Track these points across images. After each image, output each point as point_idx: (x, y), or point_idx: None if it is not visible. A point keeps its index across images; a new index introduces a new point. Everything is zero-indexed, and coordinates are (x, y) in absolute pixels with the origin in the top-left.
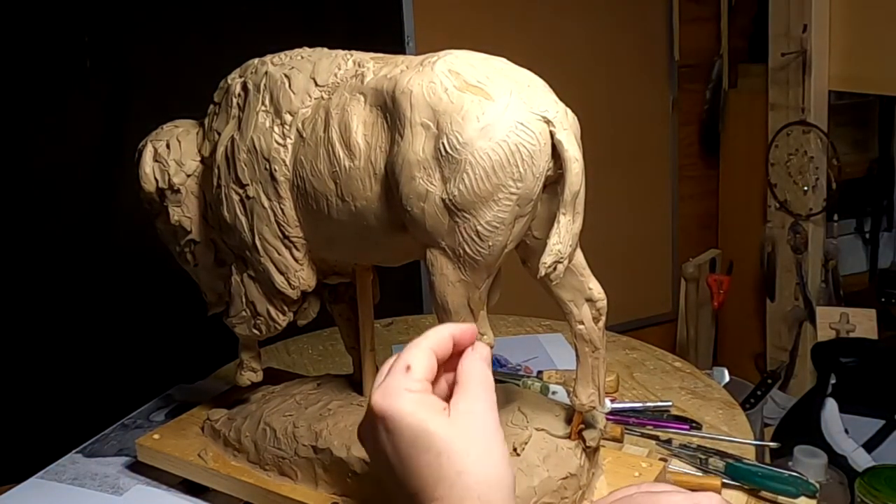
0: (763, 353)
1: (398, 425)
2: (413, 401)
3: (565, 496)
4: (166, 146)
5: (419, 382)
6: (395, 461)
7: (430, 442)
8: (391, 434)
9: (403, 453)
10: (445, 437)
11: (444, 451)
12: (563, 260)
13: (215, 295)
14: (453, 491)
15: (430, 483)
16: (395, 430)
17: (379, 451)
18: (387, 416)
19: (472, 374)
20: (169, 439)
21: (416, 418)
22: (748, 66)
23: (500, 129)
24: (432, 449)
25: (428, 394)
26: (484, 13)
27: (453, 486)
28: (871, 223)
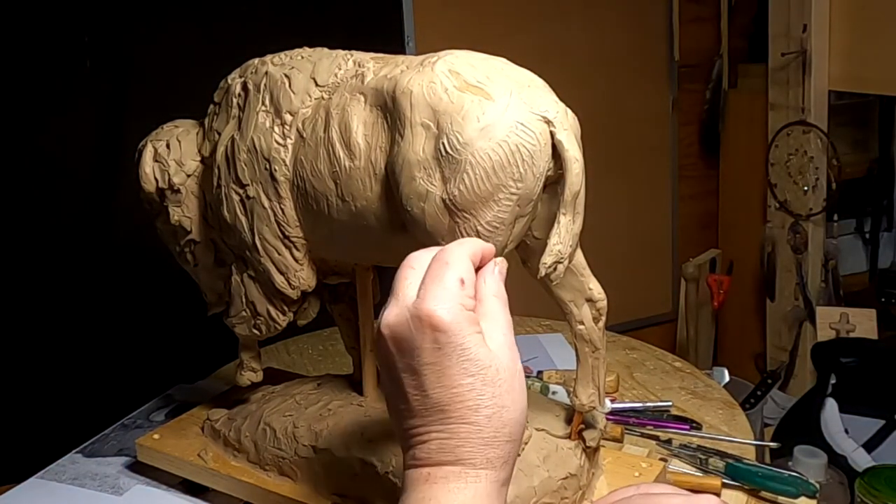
0: (763, 353)
1: (452, 340)
2: (469, 320)
3: (565, 496)
4: (166, 146)
5: (472, 300)
6: (429, 374)
7: (479, 368)
8: (442, 347)
9: (447, 370)
10: (493, 367)
11: (490, 381)
12: (564, 260)
13: (215, 295)
14: (491, 422)
15: (469, 406)
16: (447, 344)
17: (413, 357)
18: (444, 330)
19: (500, 296)
20: (169, 439)
21: (472, 341)
22: (748, 66)
23: (500, 129)
24: (479, 375)
25: (475, 313)
26: (484, 13)
27: (491, 418)
28: (871, 223)
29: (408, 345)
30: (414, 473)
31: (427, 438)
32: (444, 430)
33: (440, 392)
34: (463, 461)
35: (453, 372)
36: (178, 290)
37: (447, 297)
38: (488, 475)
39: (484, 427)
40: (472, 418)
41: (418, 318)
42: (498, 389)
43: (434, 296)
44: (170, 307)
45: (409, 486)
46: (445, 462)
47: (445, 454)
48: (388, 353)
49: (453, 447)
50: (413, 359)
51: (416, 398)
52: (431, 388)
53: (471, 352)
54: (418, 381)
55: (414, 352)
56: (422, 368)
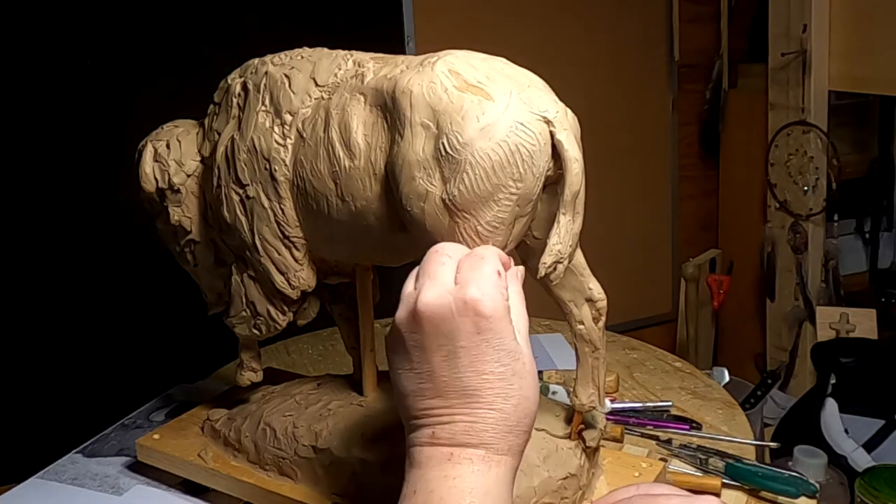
0: (763, 353)
1: (493, 327)
2: (506, 310)
3: (565, 496)
4: (166, 146)
5: (507, 291)
6: (464, 357)
7: (511, 359)
8: (482, 333)
9: (483, 356)
10: (521, 360)
11: (518, 372)
12: (564, 260)
13: (215, 295)
14: (516, 411)
15: (498, 393)
16: (488, 330)
17: (450, 339)
18: (487, 316)
19: (521, 295)
20: (169, 439)
21: (508, 331)
22: (748, 66)
23: (500, 129)
24: (510, 366)
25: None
26: (484, 13)
27: (517, 408)
28: (871, 223)
29: (447, 326)
30: (434, 451)
31: (451, 420)
32: (472, 413)
33: (472, 376)
34: (487, 445)
35: (488, 358)
36: (178, 290)
37: (491, 286)
38: (508, 462)
39: (510, 415)
40: (499, 405)
41: (463, 301)
42: (524, 381)
43: (479, 284)
44: (170, 307)
45: (428, 464)
46: (469, 444)
47: (471, 437)
48: (421, 331)
49: (479, 431)
50: (450, 341)
51: (445, 379)
52: (464, 372)
53: (506, 342)
54: (451, 363)
55: (452, 334)
56: (458, 351)
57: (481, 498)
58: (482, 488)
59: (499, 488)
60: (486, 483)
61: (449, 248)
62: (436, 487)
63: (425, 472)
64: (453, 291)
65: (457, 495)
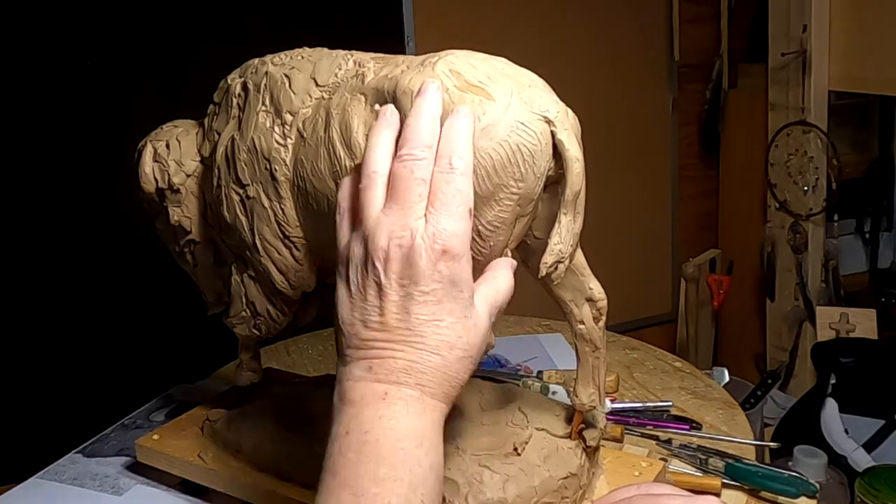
0: (763, 353)
1: (454, 279)
2: (469, 270)
3: (566, 496)
4: (166, 146)
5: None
6: (420, 300)
7: (465, 315)
8: (443, 282)
9: (440, 303)
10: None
11: (467, 328)
12: (565, 260)
13: (215, 295)
14: (458, 364)
15: (445, 341)
16: (448, 280)
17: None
18: (457, 264)
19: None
20: (169, 440)
21: (468, 284)
22: (748, 66)
23: (501, 129)
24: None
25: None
26: (484, 13)
27: (460, 361)
28: (871, 223)
29: (413, 268)
30: (368, 388)
31: (392, 356)
32: (415, 353)
33: (423, 319)
34: (423, 387)
35: (443, 306)
36: (178, 290)
37: (461, 228)
38: (441, 408)
39: (451, 365)
40: (444, 352)
41: (434, 242)
42: (471, 338)
43: (449, 224)
44: (170, 307)
45: (362, 402)
46: (406, 384)
47: (409, 376)
48: (387, 268)
49: (418, 372)
50: (410, 282)
51: (396, 316)
52: (416, 314)
53: (463, 295)
54: (406, 304)
55: (416, 276)
56: (415, 293)
57: (417, 440)
58: (418, 431)
59: (433, 433)
60: (423, 426)
61: (423, 171)
62: (371, 428)
63: (359, 412)
64: (426, 236)
65: (393, 437)
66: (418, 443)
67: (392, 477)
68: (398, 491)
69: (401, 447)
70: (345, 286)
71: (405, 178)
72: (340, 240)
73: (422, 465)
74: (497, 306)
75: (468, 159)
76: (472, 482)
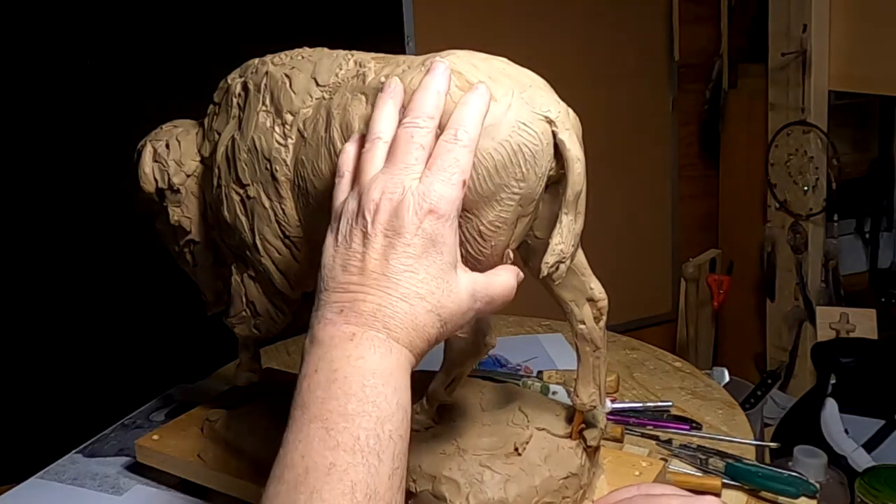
0: (763, 353)
1: (438, 237)
2: (456, 235)
3: (566, 495)
4: (166, 146)
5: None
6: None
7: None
8: (427, 238)
9: (420, 257)
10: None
11: (442, 289)
12: (566, 260)
13: (214, 295)
14: (426, 317)
15: (417, 293)
16: (432, 238)
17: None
18: (441, 225)
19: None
20: (168, 440)
21: (451, 247)
22: (748, 66)
23: (502, 129)
24: (439, 279)
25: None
26: (484, 13)
27: (428, 314)
28: (871, 223)
29: (399, 221)
30: (336, 331)
31: (363, 299)
32: (384, 297)
33: (400, 269)
34: (389, 331)
35: (422, 261)
36: (178, 290)
37: (451, 194)
38: (407, 355)
39: (419, 316)
40: (413, 301)
41: (422, 200)
42: (444, 301)
43: (440, 187)
44: (170, 307)
45: (330, 343)
46: (373, 327)
47: (376, 319)
48: (375, 219)
49: (385, 316)
50: (394, 233)
51: (374, 262)
52: (395, 262)
53: (444, 257)
54: (386, 253)
55: (400, 229)
56: (397, 244)
57: (384, 378)
58: (385, 370)
59: (400, 375)
60: (389, 366)
61: (423, 137)
62: (339, 367)
63: (328, 352)
64: (416, 192)
65: (360, 375)
66: (385, 381)
67: (360, 412)
68: (366, 425)
69: (368, 384)
70: (332, 237)
71: (404, 141)
72: (337, 198)
73: (389, 402)
74: (487, 293)
75: (474, 134)
76: (473, 482)
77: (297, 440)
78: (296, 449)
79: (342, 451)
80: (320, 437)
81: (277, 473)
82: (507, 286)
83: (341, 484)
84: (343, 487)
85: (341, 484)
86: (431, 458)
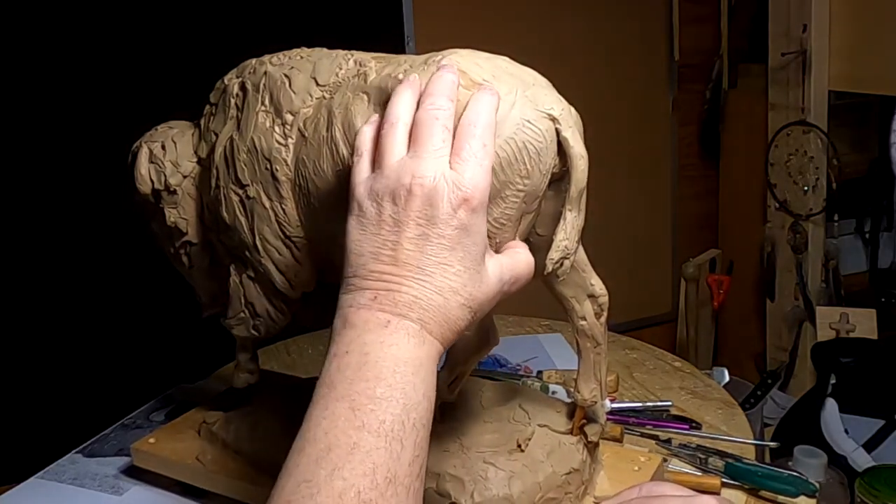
0: (763, 353)
1: (472, 228)
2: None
3: (569, 491)
4: (161, 147)
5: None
6: (436, 243)
7: (476, 266)
8: (461, 229)
9: (453, 249)
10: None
11: (475, 282)
12: (570, 256)
13: (210, 296)
14: (458, 311)
15: (452, 287)
16: (466, 229)
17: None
18: (476, 215)
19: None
20: (165, 443)
21: (480, 240)
22: (748, 66)
23: (507, 126)
24: (472, 270)
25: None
26: (484, 13)
27: (461, 308)
28: (871, 223)
29: (433, 209)
30: (371, 316)
31: (398, 289)
32: (420, 290)
33: (435, 263)
34: (423, 323)
35: (456, 253)
36: (177, 290)
37: (484, 182)
38: (437, 346)
39: (451, 309)
40: (447, 295)
41: (457, 189)
42: (475, 293)
43: (474, 175)
44: (169, 308)
45: (364, 327)
46: (408, 317)
47: (411, 310)
48: (407, 206)
49: (420, 308)
50: (429, 224)
51: (408, 253)
52: (428, 255)
53: (477, 248)
54: (420, 244)
55: (435, 218)
56: (431, 235)
57: (414, 368)
58: (415, 360)
59: (429, 366)
60: (420, 357)
61: (447, 117)
62: (371, 350)
63: (361, 335)
64: (449, 177)
65: (391, 361)
66: (414, 370)
67: (388, 397)
68: (392, 411)
69: (399, 371)
70: (356, 220)
71: (429, 123)
72: (357, 176)
73: (416, 391)
74: (513, 275)
75: (493, 127)
76: (477, 479)
77: (321, 416)
78: (319, 425)
79: (366, 433)
80: (346, 417)
81: (299, 446)
82: (530, 263)
83: (363, 465)
84: (364, 468)
85: (363, 465)
86: (435, 455)
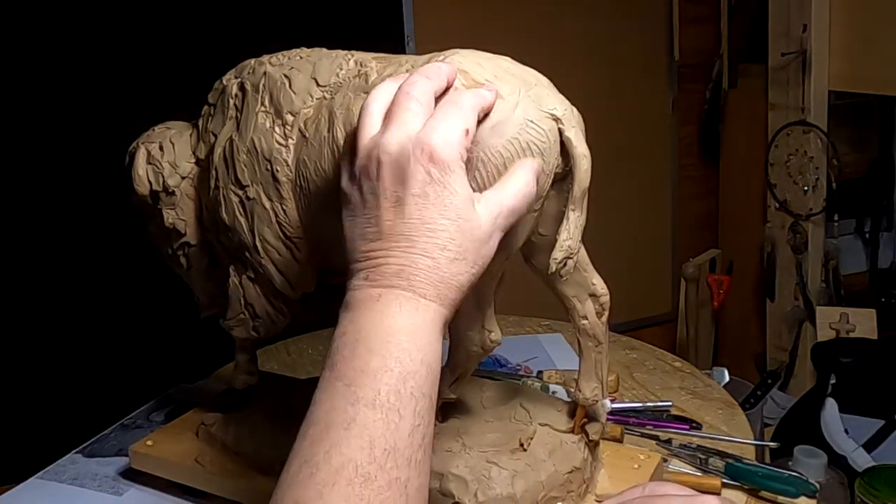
0: (763, 353)
1: (443, 179)
2: (462, 168)
3: (571, 489)
4: (159, 148)
5: (465, 152)
6: (411, 204)
7: (458, 215)
8: (432, 181)
9: (429, 205)
10: (471, 223)
11: (462, 231)
12: (573, 255)
13: (208, 298)
14: (451, 266)
15: (436, 244)
16: (437, 181)
17: (402, 184)
18: (438, 163)
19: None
20: (164, 445)
21: (460, 186)
22: (748, 66)
23: (510, 126)
24: (457, 222)
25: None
26: (484, 14)
27: (452, 262)
28: (871, 223)
29: (401, 172)
30: (364, 294)
31: (385, 262)
32: (405, 257)
33: (414, 223)
34: (415, 289)
35: (432, 209)
36: (177, 290)
37: (452, 137)
38: (437, 309)
39: (442, 266)
40: (435, 254)
41: (420, 147)
42: (465, 241)
43: (440, 132)
44: (169, 308)
45: (358, 306)
46: (398, 287)
47: (400, 279)
48: (378, 176)
49: (409, 274)
50: (402, 187)
51: (389, 223)
52: (408, 218)
53: (455, 199)
54: (398, 210)
55: (406, 181)
56: (406, 197)
57: (409, 335)
58: (410, 327)
59: (427, 329)
60: (415, 324)
61: (419, 91)
62: (363, 326)
63: (355, 314)
64: (413, 137)
65: (383, 332)
66: (409, 338)
67: (382, 367)
68: (387, 381)
69: (392, 340)
70: (345, 210)
71: (400, 98)
72: (342, 173)
73: (412, 358)
74: (508, 209)
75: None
76: (480, 478)
77: (322, 398)
78: (320, 406)
79: (363, 406)
80: (343, 394)
81: (303, 431)
82: (523, 184)
83: (359, 439)
84: (361, 442)
85: (359, 439)
86: (437, 455)
